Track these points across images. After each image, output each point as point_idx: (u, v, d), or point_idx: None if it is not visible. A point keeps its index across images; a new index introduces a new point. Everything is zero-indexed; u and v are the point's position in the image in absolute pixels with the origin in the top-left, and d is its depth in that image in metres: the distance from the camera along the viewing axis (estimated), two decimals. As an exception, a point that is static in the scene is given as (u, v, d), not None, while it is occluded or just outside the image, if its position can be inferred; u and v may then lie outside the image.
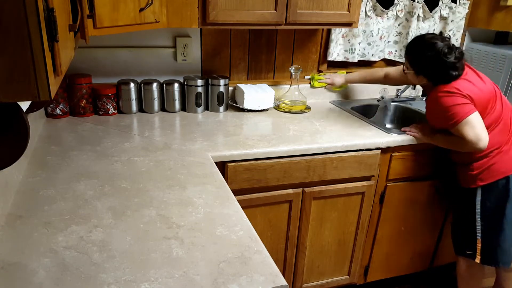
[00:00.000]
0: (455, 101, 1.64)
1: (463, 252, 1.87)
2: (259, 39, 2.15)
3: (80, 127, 1.78)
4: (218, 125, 1.89)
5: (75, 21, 1.02)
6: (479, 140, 1.62)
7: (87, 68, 1.95)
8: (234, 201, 1.23)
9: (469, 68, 1.74)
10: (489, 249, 1.79)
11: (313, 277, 2.02)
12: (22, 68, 0.64)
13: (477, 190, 1.76)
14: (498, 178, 1.71)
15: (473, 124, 1.63)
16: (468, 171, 1.77)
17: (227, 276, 0.91)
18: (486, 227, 1.77)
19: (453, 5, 2.39)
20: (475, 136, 1.62)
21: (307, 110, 2.14)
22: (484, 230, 1.78)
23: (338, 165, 1.77)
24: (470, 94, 1.64)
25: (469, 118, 1.62)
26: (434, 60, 1.66)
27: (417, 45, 1.73)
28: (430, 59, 1.67)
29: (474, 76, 1.72)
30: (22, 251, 0.96)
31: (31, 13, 0.61)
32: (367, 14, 2.25)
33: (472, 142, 1.63)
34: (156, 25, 1.62)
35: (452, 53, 1.64)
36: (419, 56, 1.71)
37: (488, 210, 1.75)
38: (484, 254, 1.80)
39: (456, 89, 1.65)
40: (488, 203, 1.75)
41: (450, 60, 1.63)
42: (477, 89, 1.67)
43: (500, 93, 1.76)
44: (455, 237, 1.93)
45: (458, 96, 1.64)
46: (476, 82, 1.69)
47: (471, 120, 1.62)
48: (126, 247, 1.00)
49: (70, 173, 1.35)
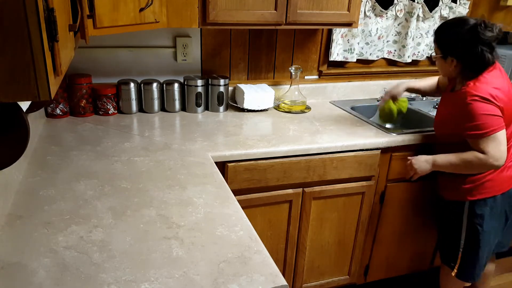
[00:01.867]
0: (489, 111, 1.48)
1: (447, 262, 1.83)
2: (259, 39, 2.15)
3: (80, 127, 1.78)
4: (218, 125, 1.89)
5: (75, 21, 1.02)
6: (500, 159, 1.50)
7: (87, 68, 1.95)
8: (234, 201, 1.23)
9: (501, 72, 1.58)
10: (468, 265, 1.75)
11: (313, 277, 2.02)
12: (22, 68, 0.64)
13: (465, 204, 1.68)
14: (489, 196, 1.63)
15: (500, 141, 1.49)
16: (459, 183, 1.67)
17: (227, 276, 0.91)
18: (467, 243, 1.72)
19: (453, 5, 2.39)
20: (499, 154, 1.49)
21: (307, 110, 2.14)
22: (465, 246, 1.73)
23: (338, 165, 1.77)
24: (503, 106, 1.49)
25: (498, 134, 1.48)
26: (466, 35, 1.49)
27: (448, 23, 1.58)
28: (463, 34, 1.50)
29: (505, 83, 1.56)
30: (22, 251, 0.96)
31: (31, 13, 0.61)
32: (366, 14, 2.25)
33: (493, 160, 1.49)
34: (156, 25, 1.62)
35: (491, 28, 1.46)
36: (449, 33, 1.55)
37: (472, 225, 1.69)
38: (461, 269, 1.76)
39: (491, 96, 1.48)
40: (473, 218, 1.68)
41: (487, 35, 1.46)
42: (508, 100, 1.52)
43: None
44: (441, 246, 1.90)
45: (493, 105, 1.48)
46: (507, 91, 1.53)
47: (498, 137, 1.48)
48: (126, 247, 1.00)
49: (70, 173, 1.35)
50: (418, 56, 2.48)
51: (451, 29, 1.56)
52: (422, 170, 1.71)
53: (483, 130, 1.50)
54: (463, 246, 1.74)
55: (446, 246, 1.85)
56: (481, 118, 1.49)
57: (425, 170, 1.70)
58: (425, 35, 2.43)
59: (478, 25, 1.48)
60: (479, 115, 1.49)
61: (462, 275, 1.78)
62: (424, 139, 1.88)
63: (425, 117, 2.20)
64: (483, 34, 1.47)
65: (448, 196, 1.77)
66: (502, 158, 1.51)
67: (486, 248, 1.72)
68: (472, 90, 1.52)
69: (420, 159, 1.71)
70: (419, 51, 2.46)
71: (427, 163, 1.69)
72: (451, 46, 1.56)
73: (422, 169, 1.71)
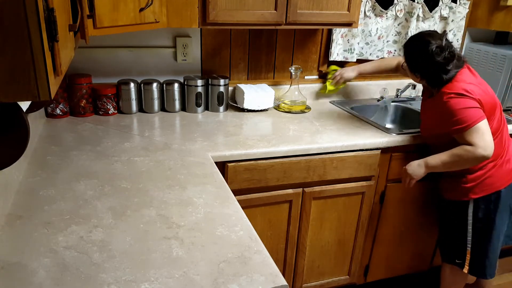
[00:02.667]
0: (466, 104, 1.55)
1: (451, 261, 1.84)
2: (259, 39, 2.15)
3: (80, 127, 1.78)
4: (218, 125, 1.89)
5: (75, 21, 1.02)
6: (487, 148, 1.53)
7: (87, 68, 1.95)
8: (234, 201, 1.23)
9: (471, 72, 1.67)
10: (478, 260, 1.77)
11: (313, 277, 2.02)
12: (22, 68, 0.64)
13: (469, 203, 1.71)
14: (491, 192, 1.67)
15: (483, 131, 1.54)
16: (461, 183, 1.70)
17: (227, 276, 0.91)
18: (476, 239, 1.74)
19: (454, 5, 2.39)
20: (485, 143, 1.53)
21: (307, 110, 2.14)
22: (474, 242, 1.75)
23: (338, 165, 1.77)
24: (480, 99, 1.56)
25: (480, 124, 1.53)
26: (424, 58, 1.60)
27: (411, 41, 1.67)
28: (421, 57, 1.61)
29: (478, 80, 1.65)
30: (22, 251, 0.96)
31: (31, 13, 0.61)
32: (366, 14, 2.25)
33: (481, 150, 1.53)
34: (156, 25, 1.62)
35: (441, 53, 1.57)
36: (412, 53, 1.66)
37: (478, 221, 1.72)
38: (472, 265, 1.78)
39: (466, 91, 1.56)
40: (479, 215, 1.71)
41: (438, 60, 1.57)
42: (484, 94, 1.59)
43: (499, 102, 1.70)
44: (443, 246, 1.91)
45: (469, 99, 1.55)
46: (482, 86, 1.62)
47: (481, 127, 1.53)
48: (126, 247, 1.00)
49: (70, 173, 1.35)
50: (418, 56, 2.47)
51: (412, 50, 1.66)
52: (416, 175, 1.73)
53: (464, 124, 1.55)
54: (471, 243, 1.75)
55: (448, 245, 1.86)
56: (460, 112, 1.55)
57: (419, 174, 1.72)
58: (425, 35, 2.43)
59: (429, 51, 1.57)
60: (458, 110, 1.56)
61: (474, 271, 1.79)
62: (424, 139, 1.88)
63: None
64: (434, 58, 1.57)
65: (452, 196, 1.78)
66: (489, 147, 1.54)
67: (495, 242, 1.74)
68: (446, 90, 1.60)
69: (413, 164, 1.74)
70: (419, 51, 2.46)
71: (419, 166, 1.72)
72: (413, 65, 1.68)
73: (416, 174, 1.73)
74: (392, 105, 2.36)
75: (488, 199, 1.69)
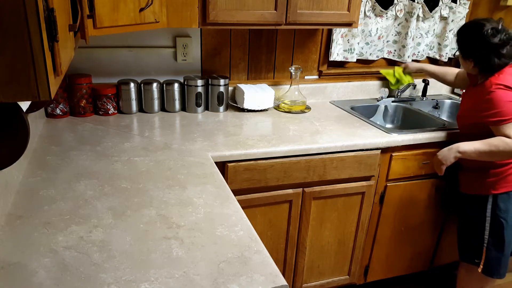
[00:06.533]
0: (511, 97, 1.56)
1: (470, 260, 1.84)
2: (259, 39, 2.15)
3: (80, 127, 1.78)
4: (218, 125, 1.89)
5: (75, 21, 1.02)
6: None
7: (87, 68, 1.95)
8: (234, 201, 1.23)
9: None
10: (492, 260, 1.76)
11: (313, 277, 2.02)
12: (22, 68, 0.64)
13: (488, 198, 1.71)
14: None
15: None
16: (482, 177, 1.71)
17: (227, 276, 0.91)
18: (491, 237, 1.74)
19: (454, 5, 2.39)
20: None
21: (307, 110, 2.14)
22: (489, 240, 1.75)
23: (338, 165, 1.77)
24: None
25: None
26: (477, 41, 1.59)
27: (465, 26, 1.69)
28: (475, 39, 1.60)
29: None
30: (22, 251, 0.96)
31: (31, 13, 0.61)
32: (366, 14, 2.25)
33: None
34: (156, 25, 1.62)
35: (497, 34, 1.56)
36: (466, 37, 1.66)
37: (496, 218, 1.72)
38: (486, 265, 1.78)
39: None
40: (497, 211, 1.71)
41: (493, 41, 1.56)
42: None
43: None
44: (461, 243, 1.90)
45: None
46: None
47: None
48: (126, 247, 1.00)
49: (70, 173, 1.35)
50: (418, 56, 2.48)
51: (466, 34, 1.67)
52: (446, 160, 1.71)
53: (507, 117, 1.55)
54: (487, 241, 1.75)
55: (468, 244, 1.85)
56: (505, 105, 1.56)
57: (449, 158, 1.71)
58: (425, 35, 2.43)
59: (484, 33, 1.56)
60: (503, 102, 1.56)
61: (488, 271, 1.79)
62: (424, 139, 1.88)
63: (425, 118, 2.20)
64: (490, 40, 1.56)
65: (471, 190, 1.78)
66: None
67: (511, 243, 1.74)
68: (496, 80, 1.60)
69: (443, 149, 1.74)
70: (419, 51, 2.46)
71: (450, 151, 1.71)
72: (466, 49, 1.68)
73: (446, 158, 1.71)
74: (392, 105, 2.36)
75: (507, 196, 1.68)
